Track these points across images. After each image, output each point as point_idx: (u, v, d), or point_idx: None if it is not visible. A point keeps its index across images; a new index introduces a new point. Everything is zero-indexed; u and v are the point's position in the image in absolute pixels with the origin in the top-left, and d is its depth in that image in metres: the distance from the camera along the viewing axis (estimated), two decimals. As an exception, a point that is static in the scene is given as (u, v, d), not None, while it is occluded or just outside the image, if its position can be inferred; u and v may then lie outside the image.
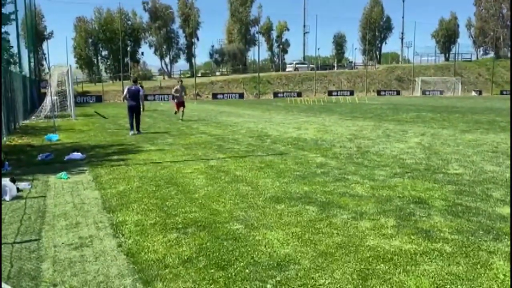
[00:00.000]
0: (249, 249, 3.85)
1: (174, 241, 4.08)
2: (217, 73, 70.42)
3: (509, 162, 7.85)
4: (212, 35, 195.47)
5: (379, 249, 3.79)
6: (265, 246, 3.91)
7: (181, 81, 19.61)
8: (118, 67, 58.25)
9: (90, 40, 66.84)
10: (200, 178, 6.84)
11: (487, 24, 79.57)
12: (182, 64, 79.84)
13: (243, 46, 74.95)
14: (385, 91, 62.09)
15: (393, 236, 4.10)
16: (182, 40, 73.75)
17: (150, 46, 72.87)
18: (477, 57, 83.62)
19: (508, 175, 6.73)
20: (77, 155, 9.10)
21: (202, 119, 19.20)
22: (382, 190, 5.89)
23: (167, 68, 73.95)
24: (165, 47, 72.48)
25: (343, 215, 4.78)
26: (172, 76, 71.07)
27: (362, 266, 3.44)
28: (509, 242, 3.91)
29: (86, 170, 7.78)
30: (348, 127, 15.01)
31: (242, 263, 3.55)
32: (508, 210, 4.87)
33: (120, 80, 52.34)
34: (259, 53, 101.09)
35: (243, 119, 19.27)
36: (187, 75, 70.93)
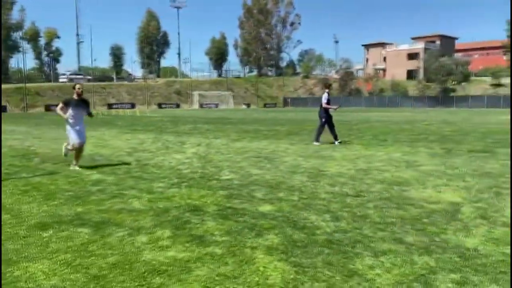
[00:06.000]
0: (4, 288, 3.28)
1: None
2: (-31, 83, 59.22)
3: (269, 165, 9.02)
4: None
5: (154, 262, 3.77)
6: (25, 282, 3.40)
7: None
8: None
9: None
10: None
11: (250, 46, 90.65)
12: None
13: (4, 52, 65.30)
14: (166, 104, 63.69)
15: (169, 247, 4.15)
16: None
17: None
18: (244, 74, 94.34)
19: (269, 176, 7.72)
20: None
21: None
22: (159, 202, 5.93)
23: None
24: None
25: (119, 233, 4.59)
26: None
27: (137, 283, 3.36)
28: (268, 236, 4.44)
29: None
30: (128, 140, 14.70)
31: (-7, 308, 3.00)
32: (268, 208, 5.57)
33: None
34: (24, 61, 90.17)
35: (5, 136, 16.67)
36: None
